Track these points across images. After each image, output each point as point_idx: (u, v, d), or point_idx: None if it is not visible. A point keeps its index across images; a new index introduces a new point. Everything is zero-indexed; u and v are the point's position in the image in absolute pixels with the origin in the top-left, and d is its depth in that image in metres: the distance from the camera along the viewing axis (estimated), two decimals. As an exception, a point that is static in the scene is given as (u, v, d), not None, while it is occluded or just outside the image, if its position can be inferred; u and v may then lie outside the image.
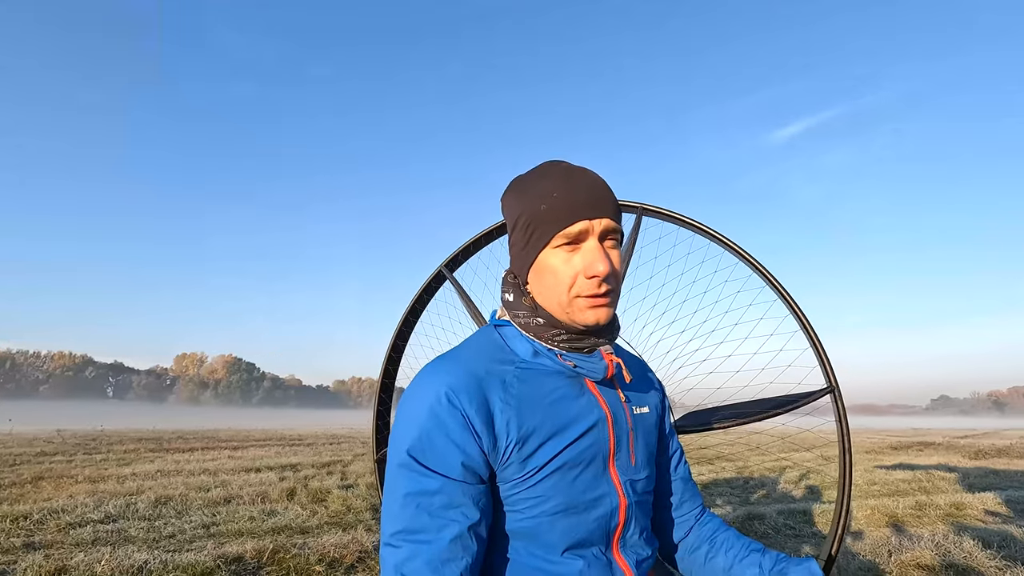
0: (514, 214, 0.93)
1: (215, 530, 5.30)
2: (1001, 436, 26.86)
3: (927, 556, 4.25)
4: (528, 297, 0.93)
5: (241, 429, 26.26)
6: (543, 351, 0.92)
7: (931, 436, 25.56)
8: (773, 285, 2.11)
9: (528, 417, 0.85)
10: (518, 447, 0.84)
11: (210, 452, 13.02)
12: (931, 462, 13.50)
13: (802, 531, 5.55)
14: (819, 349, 2.06)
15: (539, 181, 0.91)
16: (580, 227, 0.86)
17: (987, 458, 14.78)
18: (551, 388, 0.89)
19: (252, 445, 15.57)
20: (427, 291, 2.82)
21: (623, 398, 0.98)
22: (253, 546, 4.41)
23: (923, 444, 19.74)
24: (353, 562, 4.27)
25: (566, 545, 0.87)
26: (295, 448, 14.93)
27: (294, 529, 5.44)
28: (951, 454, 15.97)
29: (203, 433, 21.18)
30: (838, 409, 2.02)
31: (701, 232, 2.22)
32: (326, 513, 6.20)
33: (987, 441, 21.63)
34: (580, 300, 0.88)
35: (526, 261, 0.92)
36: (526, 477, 0.85)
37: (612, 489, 0.91)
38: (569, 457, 0.87)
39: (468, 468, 0.82)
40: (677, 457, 1.14)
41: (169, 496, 6.80)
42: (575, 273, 0.87)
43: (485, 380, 0.86)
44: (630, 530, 0.93)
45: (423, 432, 0.82)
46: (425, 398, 0.83)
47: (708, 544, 1.06)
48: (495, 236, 2.70)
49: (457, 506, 0.80)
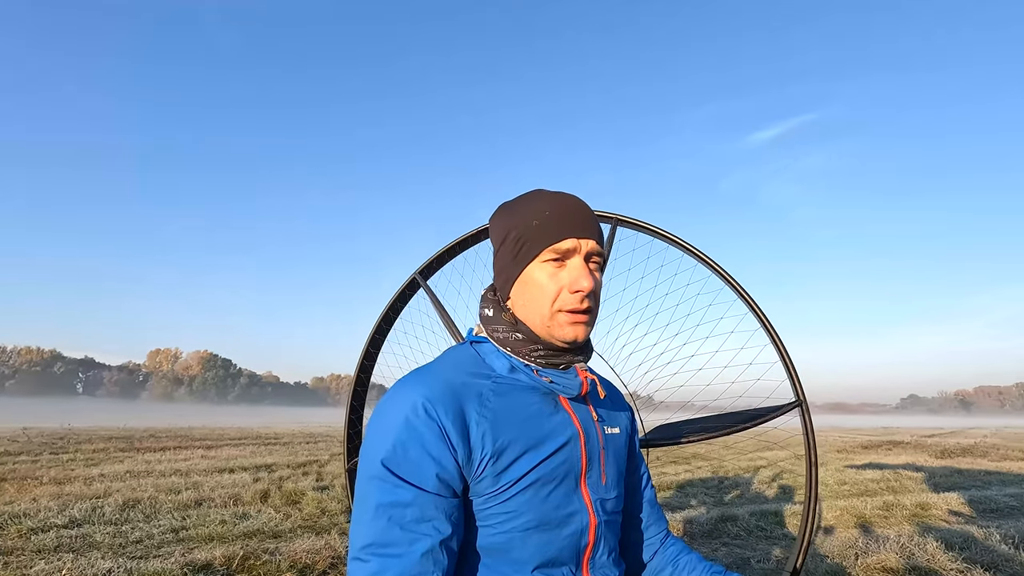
0: (503, 230, 0.96)
1: (184, 535, 5.19)
2: (966, 435, 27.69)
3: (892, 559, 4.35)
4: (508, 312, 0.96)
5: (216, 427, 25.80)
6: (519, 366, 0.93)
7: (900, 435, 26.23)
8: (744, 299, 2.13)
9: (503, 431, 0.86)
10: (493, 461, 0.84)
11: (182, 452, 12.76)
12: (899, 461, 13.85)
13: (773, 533, 5.64)
14: (788, 363, 2.09)
15: (531, 202, 0.96)
16: (569, 244, 0.90)
17: (952, 457, 15.21)
18: (526, 403, 0.91)
19: (226, 444, 15.29)
20: (401, 299, 2.79)
21: (595, 417, 0.99)
22: (223, 552, 4.32)
23: (892, 443, 20.24)
24: (325, 568, 4.22)
25: (536, 563, 0.87)
26: (271, 447, 14.71)
27: (266, 533, 5.35)
28: (919, 453, 16.40)
29: (176, 431, 20.76)
30: (805, 424, 2.05)
31: (674, 244, 2.23)
32: (300, 516, 6.11)
33: (953, 440, 22.28)
34: (562, 315, 0.91)
35: (512, 274, 0.94)
36: (499, 491, 0.85)
37: (583, 507, 0.92)
38: (542, 473, 0.88)
39: (443, 481, 0.81)
40: (645, 479, 1.16)
41: (138, 499, 6.64)
42: (560, 287, 0.90)
43: (462, 392, 0.86)
44: (599, 550, 0.94)
45: (398, 442, 0.81)
46: (401, 408, 0.83)
47: (671, 566, 1.08)
48: (469, 244, 2.68)
49: (430, 519, 0.80)
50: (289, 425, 31.43)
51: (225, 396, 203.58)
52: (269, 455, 12.56)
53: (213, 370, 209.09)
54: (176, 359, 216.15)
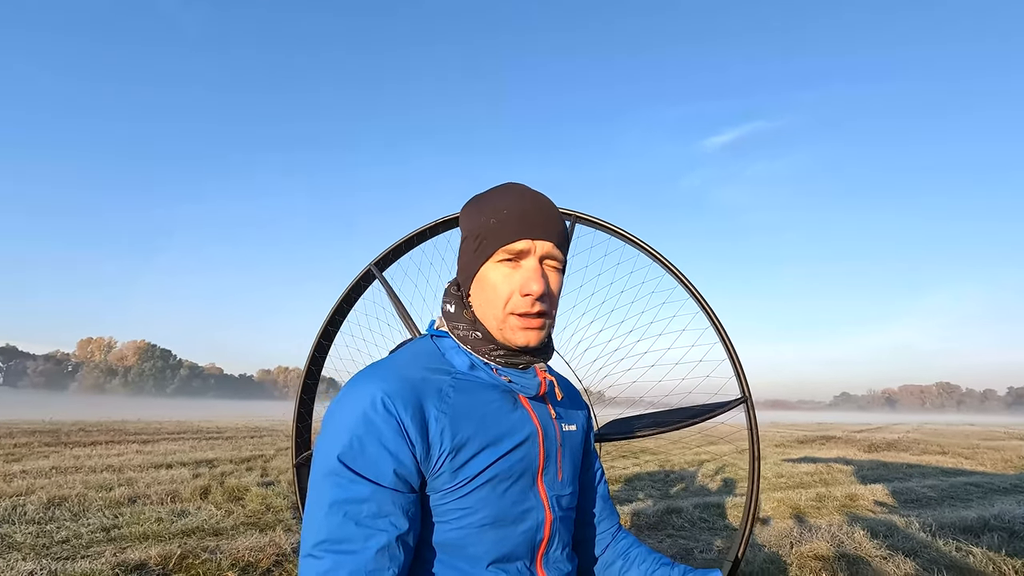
0: (466, 226, 0.96)
1: (116, 534, 4.92)
2: (891, 430, 29.58)
3: (823, 547, 4.60)
4: (469, 310, 0.95)
5: (153, 420, 24.60)
6: (479, 364, 0.94)
7: (833, 430, 27.74)
8: (696, 298, 2.20)
9: (462, 427, 0.86)
10: (451, 456, 0.84)
11: (115, 446, 12.11)
12: (831, 455, 14.66)
13: (716, 524, 5.86)
14: (735, 361, 2.16)
15: (494, 198, 0.95)
16: (522, 245, 0.90)
17: (879, 451, 16.22)
18: (486, 400, 0.91)
19: (164, 438, 14.62)
20: (355, 290, 2.73)
21: (554, 415, 1.00)
22: (159, 551, 4.13)
23: (826, 438, 21.40)
24: (269, 566, 4.09)
25: (491, 559, 0.87)
26: (212, 442, 14.16)
27: (206, 531, 5.15)
28: (849, 447, 17.40)
29: (108, 425, 19.67)
30: (750, 420, 2.13)
31: (631, 243, 2.27)
32: (243, 513, 5.91)
33: (879, 435, 23.75)
34: (513, 318, 0.91)
35: (470, 272, 0.94)
36: (457, 487, 0.85)
37: (539, 503, 0.93)
38: (500, 469, 0.88)
39: (400, 476, 0.81)
40: (599, 476, 1.18)
41: (64, 496, 6.25)
42: (511, 290, 0.90)
43: (421, 388, 0.85)
44: (554, 545, 0.95)
45: (354, 437, 0.80)
46: (358, 403, 0.82)
47: (622, 559, 1.10)
48: (427, 236, 2.65)
49: (386, 515, 0.79)
50: (233, 419, 30.30)
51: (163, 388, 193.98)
52: (211, 450, 12.08)
53: (151, 361, 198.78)
54: (109, 349, 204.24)
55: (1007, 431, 34.02)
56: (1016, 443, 21.43)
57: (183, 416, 32.17)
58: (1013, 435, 28.88)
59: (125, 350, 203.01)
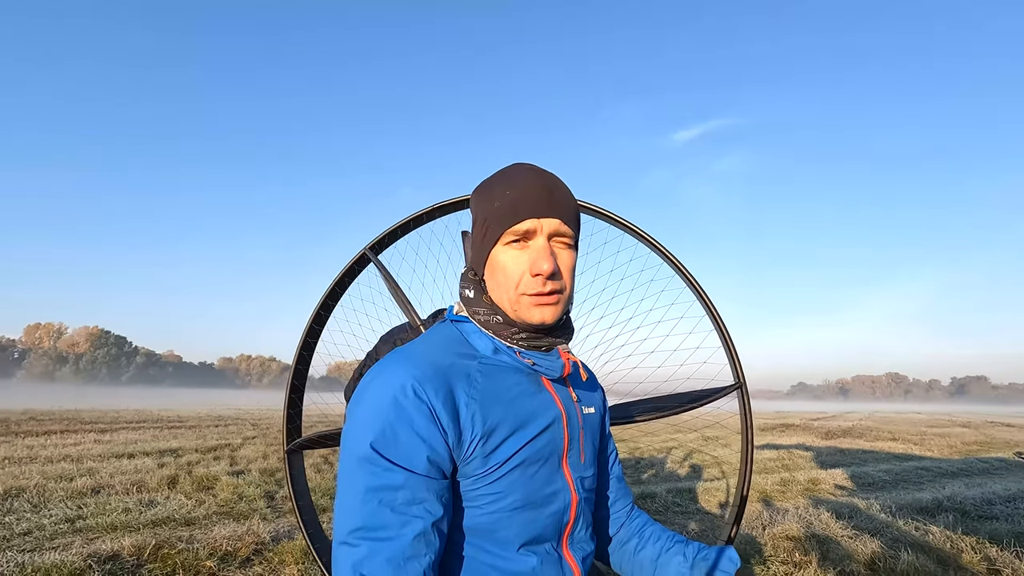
0: (475, 212, 0.95)
1: (82, 525, 4.75)
2: (845, 418, 30.88)
3: (794, 528, 4.79)
4: (488, 295, 0.94)
5: (109, 409, 23.71)
6: (503, 348, 0.93)
7: (791, 419, 28.78)
8: (693, 287, 2.23)
9: (492, 412, 0.85)
10: (483, 442, 0.84)
11: (71, 436, 11.64)
12: (792, 442, 15.23)
13: (688, 508, 6.02)
14: (730, 348, 2.21)
15: (499, 182, 0.93)
16: (528, 225, 0.88)
17: (835, 438, 16.94)
18: (512, 384, 0.90)
19: (123, 427, 14.12)
20: (349, 274, 2.67)
21: (575, 397, 1.00)
22: (131, 542, 3.99)
23: (785, 426, 22.19)
24: (249, 555, 4.02)
25: (522, 541, 0.88)
26: (175, 431, 13.75)
27: (178, 521, 5.02)
28: (807, 434, 18.11)
29: (61, 414, 18.88)
30: (744, 404, 2.19)
31: (629, 231, 2.29)
32: (214, 502, 5.78)
33: (835, 423, 24.76)
34: (526, 298, 0.89)
35: (481, 257, 0.93)
36: (488, 472, 0.85)
37: (565, 486, 0.94)
38: (529, 453, 0.88)
39: (433, 463, 0.80)
40: (613, 457, 1.19)
41: (22, 487, 5.99)
42: (522, 271, 0.89)
43: (450, 373, 0.85)
44: (579, 526, 0.96)
45: (387, 425, 0.79)
46: (388, 389, 0.80)
47: (637, 537, 1.12)
48: (424, 220, 2.61)
49: (421, 501, 0.78)
50: (194, 408, 29.47)
51: (118, 376, 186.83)
52: (174, 439, 11.74)
53: (104, 348, 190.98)
54: (59, 335, 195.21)
55: (951, 418, 35.97)
56: (960, 430, 22.67)
57: (140, 405, 31.08)
58: (956, 422, 30.55)
59: (76, 336, 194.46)
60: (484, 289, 0.94)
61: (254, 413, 24.08)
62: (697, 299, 2.26)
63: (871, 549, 4.27)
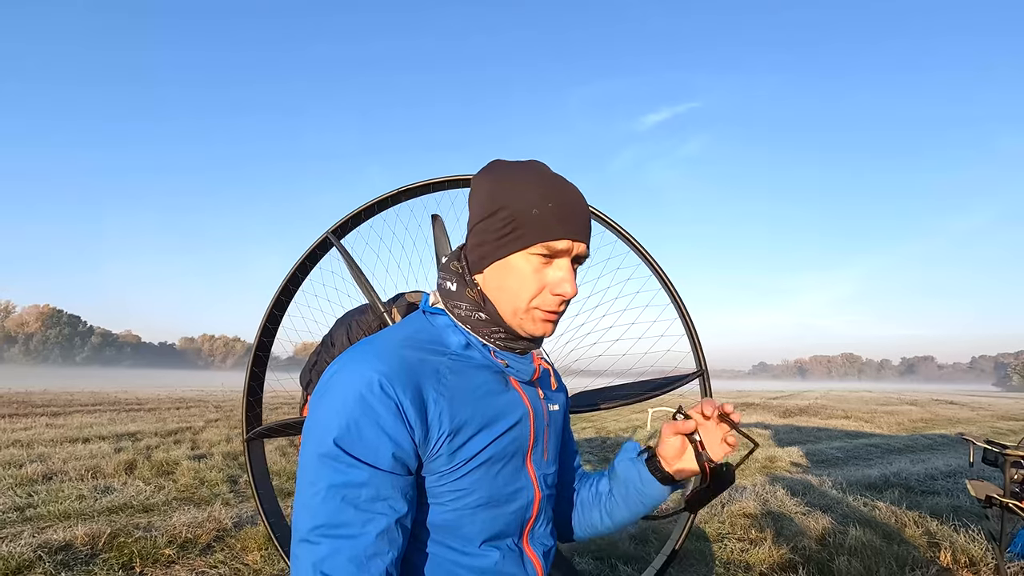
0: (494, 202, 0.88)
1: (32, 513, 4.59)
2: (803, 397, 32.17)
3: (751, 506, 4.97)
4: (475, 290, 0.90)
5: (62, 391, 22.89)
6: (476, 344, 0.91)
7: (752, 397, 29.82)
8: (658, 275, 2.25)
9: (460, 409, 0.84)
10: (449, 439, 0.82)
11: (20, 419, 11.21)
12: (752, 420, 15.78)
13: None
14: (693, 336, 2.25)
15: (532, 182, 0.88)
16: (564, 245, 0.86)
17: (792, 416, 17.63)
18: (481, 381, 0.89)
19: (77, 411, 13.67)
20: (310, 258, 2.60)
21: (542, 395, 1.00)
22: (85, 531, 3.87)
23: (745, 404, 22.97)
24: (210, 541, 3.95)
25: (484, 537, 0.87)
26: (133, 414, 13.38)
27: (136, 508, 4.88)
28: (766, 413, 18.79)
29: (10, 396, 18.16)
30: (706, 391, 2.24)
31: (598, 219, 2.28)
32: (174, 488, 5.65)
33: (792, 402, 25.76)
34: (537, 312, 0.88)
35: (493, 254, 0.88)
36: (453, 469, 0.84)
37: (529, 483, 0.94)
38: (495, 451, 0.87)
39: (398, 459, 0.78)
40: (573, 451, 1.20)
41: (-33, 475, 5.74)
42: (543, 286, 0.86)
43: (419, 369, 0.82)
44: (540, 522, 0.97)
45: (352, 420, 0.76)
46: (354, 384, 0.78)
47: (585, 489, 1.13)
48: (389, 204, 2.55)
49: (385, 498, 0.77)
50: (153, 389, 28.69)
51: (72, 357, 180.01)
52: (132, 422, 11.42)
53: (57, 327, 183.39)
54: (8, 314, 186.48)
55: (899, 396, 37.87)
56: (907, 408, 23.91)
57: (96, 387, 30.08)
58: (904, 400, 32.18)
59: (26, 315, 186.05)
60: (468, 284, 0.91)
61: (217, 395, 23.61)
62: (662, 287, 2.28)
63: (822, 525, 4.47)
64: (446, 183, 2.41)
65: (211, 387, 33.82)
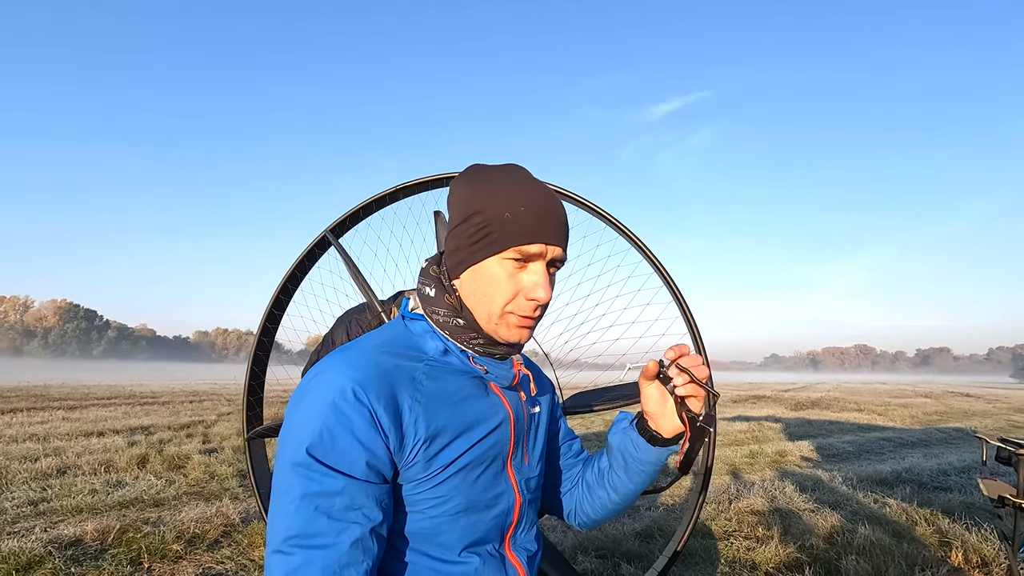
0: (469, 207, 0.87)
1: (45, 508, 4.66)
2: (815, 389, 31.85)
3: (759, 503, 4.93)
4: (453, 296, 0.90)
5: (79, 385, 23.25)
6: (454, 350, 0.90)
7: (763, 390, 29.56)
8: (660, 273, 2.21)
9: (436, 416, 0.83)
10: (425, 446, 0.81)
11: (38, 413, 11.39)
12: (762, 414, 15.65)
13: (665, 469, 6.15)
14: (696, 335, 2.21)
15: (506, 186, 0.87)
16: (537, 249, 0.85)
17: (804, 409, 17.46)
18: (458, 387, 0.88)
19: (93, 404, 13.86)
20: (309, 257, 2.58)
21: (523, 397, 0.99)
22: (95, 525, 3.93)
23: (756, 397, 22.78)
24: (217, 536, 3.99)
25: (464, 544, 0.87)
26: (147, 407, 13.56)
27: (146, 502, 4.95)
28: (777, 406, 18.62)
29: (28, 390, 18.46)
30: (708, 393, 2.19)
31: (597, 215, 2.24)
32: (185, 482, 5.71)
33: (804, 394, 25.52)
34: (511, 317, 0.88)
35: (468, 260, 0.88)
36: (430, 476, 0.83)
37: (509, 488, 0.93)
38: (473, 457, 0.87)
39: (373, 467, 0.77)
40: (570, 440, 1.18)
41: (-17, 469, 5.85)
42: (516, 290, 0.86)
43: (394, 375, 0.81)
44: (522, 527, 0.96)
45: (325, 429, 0.75)
46: (327, 392, 0.77)
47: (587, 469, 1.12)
48: (387, 202, 2.53)
49: (359, 507, 0.76)
50: (168, 383, 29.09)
51: (89, 351, 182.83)
52: (146, 416, 11.57)
53: (74, 321, 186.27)
54: (26, 308, 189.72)
55: (914, 388, 37.39)
56: (921, 400, 23.60)
57: (112, 380, 30.55)
58: (919, 392, 31.77)
59: (44, 310, 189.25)
60: (447, 289, 0.90)
61: (230, 388, 23.85)
62: (664, 284, 2.24)
63: (831, 523, 4.42)
64: (444, 180, 2.38)
65: (224, 380, 34.18)
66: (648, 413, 0.95)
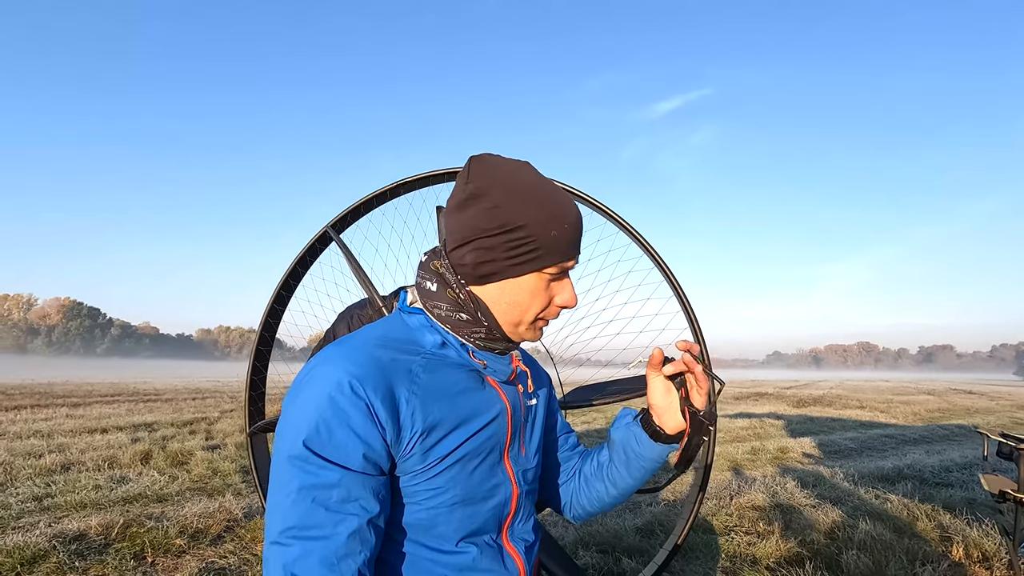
0: (507, 218, 0.83)
1: (50, 503, 4.69)
2: (817, 387, 31.80)
3: (760, 498, 4.94)
4: (454, 291, 0.89)
5: (82, 382, 23.35)
6: (454, 344, 0.90)
7: (765, 387, 29.53)
8: (661, 269, 2.21)
9: (433, 408, 0.84)
10: (422, 438, 0.82)
11: (42, 410, 11.44)
12: (764, 410, 15.64)
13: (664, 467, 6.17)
14: (697, 331, 2.21)
15: (545, 199, 0.85)
16: (571, 264, 0.90)
17: (806, 406, 17.44)
18: (455, 379, 0.89)
19: (96, 401, 13.93)
20: (310, 253, 2.60)
21: (520, 390, 1.00)
22: (99, 520, 3.96)
23: (759, 394, 22.77)
24: (220, 531, 4.01)
25: (461, 535, 0.88)
26: (150, 404, 13.61)
27: (149, 498, 4.97)
28: (779, 403, 18.61)
29: (32, 387, 18.55)
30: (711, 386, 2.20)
31: (602, 212, 2.25)
32: (188, 478, 5.74)
33: (806, 391, 25.49)
34: (540, 322, 0.92)
35: (505, 272, 0.86)
36: (426, 468, 0.84)
37: (506, 479, 0.94)
38: (470, 449, 0.88)
39: (369, 459, 0.78)
40: (566, 432, 1.19)
41: (-12, 465, 5.88)
42: (549, 300, 0.90)
43: (390, 368, 0.82)
44: (519, 518, 0.97)
45: (322, 422, 0.77)
46: (324, 386, 0.78)
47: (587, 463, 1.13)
48: (388, 198, 2.54)
49: (356, 499, 0.77)
50: (171, 380, 29.17)
51: (92, 348, 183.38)
52: (149, 413, 11.62)
53: (77, 319, 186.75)
54: (29, 306, 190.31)
55: (916, 386, 37.35)
56: (924, 397, 23.55)
57: (116, 378, 30.67)
58: (921, 389, 31.72)
59: (47, 308, 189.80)
60: (453, 286, 0.89)
61: (233, 385, 23.92)
62: (665, 280, 2.24)
63: (832, 519, 4.42)
64: (445, 175, 2.38)
65: (227, 378, 34.27)
66: (653, 407, 0.97)
